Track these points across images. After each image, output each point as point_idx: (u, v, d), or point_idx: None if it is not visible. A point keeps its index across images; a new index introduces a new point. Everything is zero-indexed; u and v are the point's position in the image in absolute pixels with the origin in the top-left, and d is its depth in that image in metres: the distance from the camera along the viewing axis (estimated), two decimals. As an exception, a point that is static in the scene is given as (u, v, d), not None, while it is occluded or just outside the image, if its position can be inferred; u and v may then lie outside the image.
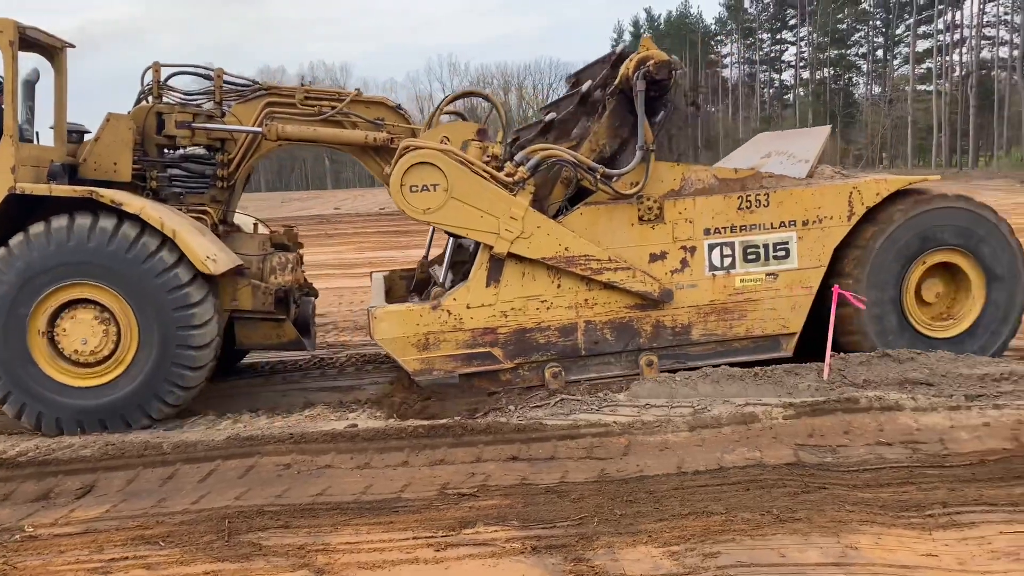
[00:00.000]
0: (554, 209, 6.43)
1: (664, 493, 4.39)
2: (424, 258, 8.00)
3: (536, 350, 6.32)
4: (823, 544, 3.72)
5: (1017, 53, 50.28)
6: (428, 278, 7.54)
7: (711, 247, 6.41)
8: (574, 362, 6.40)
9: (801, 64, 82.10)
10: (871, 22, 73.07)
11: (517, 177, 6.13)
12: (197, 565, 3.82)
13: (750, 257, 6.46)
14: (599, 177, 6.18)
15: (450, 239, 6.84)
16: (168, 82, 6.83)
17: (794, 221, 6.46)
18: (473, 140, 6.56)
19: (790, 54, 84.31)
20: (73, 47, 6.75)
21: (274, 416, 6.28)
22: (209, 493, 4.76)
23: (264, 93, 6.95)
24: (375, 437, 5.40)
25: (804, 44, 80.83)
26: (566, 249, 6.19)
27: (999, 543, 3.69)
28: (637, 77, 6.08)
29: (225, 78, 6.96)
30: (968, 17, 59.36)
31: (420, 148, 6.11)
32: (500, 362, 6.29)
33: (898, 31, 69.86)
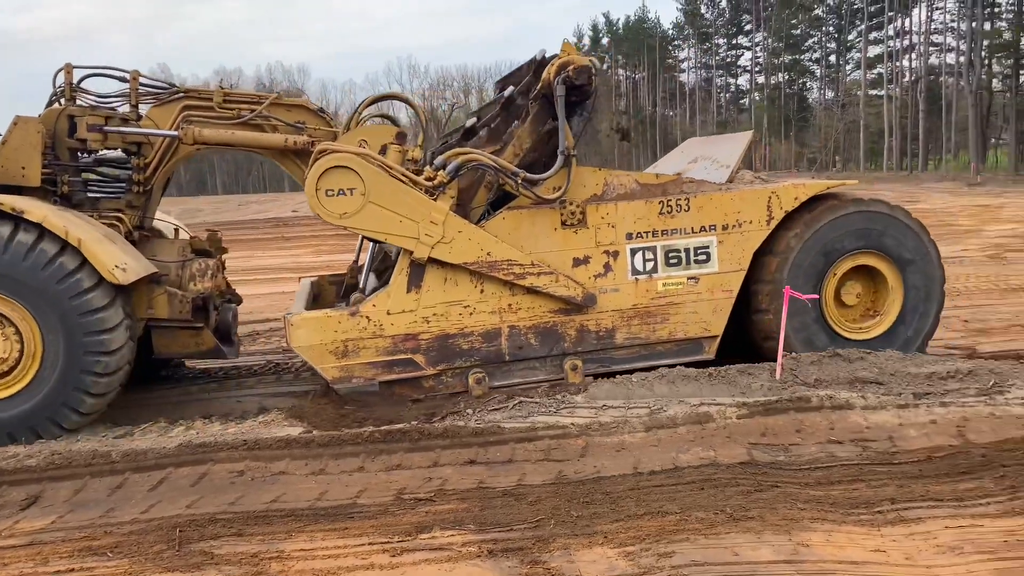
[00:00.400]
0: (478, 214, 6.37)
1: (620, 494, 4.42)
2: (354, 263, 7.88)
3: (459, 356, 6.26)
4: (775, 542, 3.77)
5: (963, 59, 51.60)
6: (358, 284, 7.45)
7: (633, 251, 6.44)
8: (498, 367, 6.37)
9: (756, 69, 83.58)
10: (824, 28, 74.57)
11: (437, 181, 6.04)
12: (146, 576, 3.75)
13: (672, 261, 6.50)
14: (520, 182, 6.14)
15: (372, 244, 6.74)
16: (82, 84, 6.61)
17: (715, 225, 6.52)
18: (392, 144, 6.46)
19: (746, 59, 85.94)
20: None
21: (228, 422, 6.18)
22: (160, 502, 4.66)
23: (182, 96, 6.77)
24: (330, 443, 5.35)
25: (759, 49, 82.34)
26: (488, 254, 6.14)
27: (944, 537, 3.78)
28: (557, 82, 6.06)
29: (141, 80, 6.75)
30: (917, 24, 60.87)
31: (336, 151, 6.01)
32: (422, 369, 6.21)
33: (850, 37, 71.41)
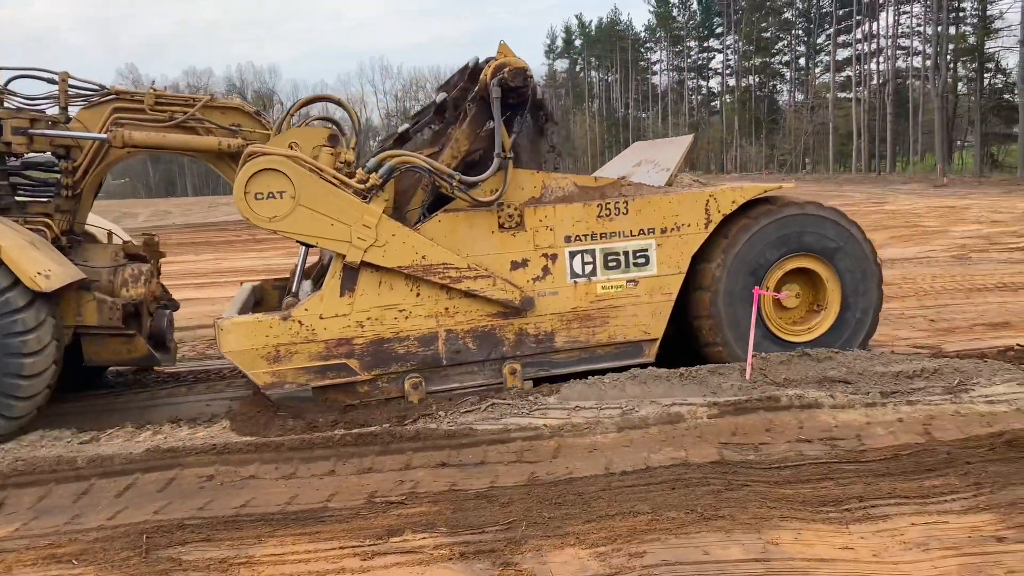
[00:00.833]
0: (415, 216, 6.31)
1: (592, 494, 4.43)
2: (297, 267, 7.70)
3: (395, 361, 6.16)
4: (745, 541, 3.80)
5: (929, 63, 52.42)
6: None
7: (572, 254, 6.40)
8: (435, 372, 6.27)
9: (727, 71, 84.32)
10: (793, 31, 75.43)
11: (369, 184, 5.93)
12: (112, 583, 3.69)
13: (611, 264, 6.47)
14: (456, 184, 6.06)
15: (305, 248, 6.65)
16: (9, 86, 6.46)
17: (653, 228, 6.51)
18: (325, 146, 6.38)
19: (717, 62, 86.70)
20: None
21: (196, 427, 6.11)
22: (127, 508, 4.60)
23: (113, 98, 6.63)
24: (301, 447, 5.31)
25: (730, 52, 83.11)
26: (423, 257, 6.04)
27: (910, 534, 3.83)
28: (494, 84, 6.01)
29: (71, 82, 6.59)
30: (884, 28, 61.72)
31: (265, 154, 5.90)
32: (357, 374, 6.10)
33: (819, 40, 72.32)
